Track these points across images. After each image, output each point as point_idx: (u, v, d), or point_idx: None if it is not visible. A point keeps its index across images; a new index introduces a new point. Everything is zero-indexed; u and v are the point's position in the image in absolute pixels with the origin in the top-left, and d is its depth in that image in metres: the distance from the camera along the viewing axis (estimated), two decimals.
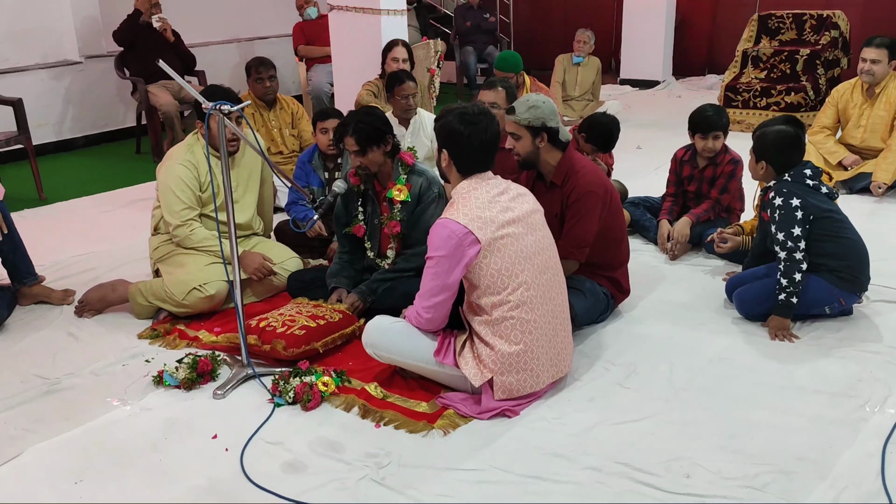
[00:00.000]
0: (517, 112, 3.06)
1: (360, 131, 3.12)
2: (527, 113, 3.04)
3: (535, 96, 3.10)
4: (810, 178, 3.13)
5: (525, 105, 3.06)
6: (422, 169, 3.31)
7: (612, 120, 4.22)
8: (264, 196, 3.78)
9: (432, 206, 3.26)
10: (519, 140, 3.08)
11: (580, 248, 3.08)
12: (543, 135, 3.06)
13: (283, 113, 4.90)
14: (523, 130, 3.06)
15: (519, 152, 3.11)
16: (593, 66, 7.12)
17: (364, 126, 3.12)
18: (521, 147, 3.09)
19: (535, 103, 3.04)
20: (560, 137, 3.09)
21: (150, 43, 6.22)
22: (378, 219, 3.34)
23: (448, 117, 2.60)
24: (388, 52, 5.13)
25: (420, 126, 4.61)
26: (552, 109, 3.07)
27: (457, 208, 2.53)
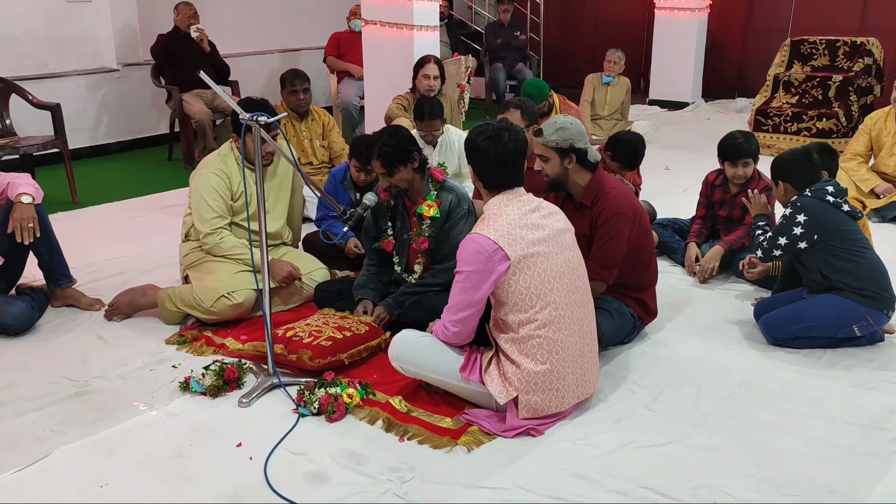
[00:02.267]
0: (545, 134, 3.05)
1: (385, 154, 3.14)
2: (554, 135, 3.04)
3: (563, 118, 3.10)
4: (832, 194, 3.15)
5: (553, 127, 3.05)
6: (452, 185, 3.32)
7: (636, 137, 4.22)
8: (294, 206, 3.79)
9: (461, 222, 3.26)
10: (547, 162, 3.08)
11: (608, 270, 3.07)
12: (572, 156, 3.06)
13: (315, 124, 4.93)
14: (551, 152, 3.06)
15: (548, 174, 3.11)
16: (623, 85, 7.11)
17: (388, 148, 3.13)
18: (549, 168, 3.09)
19: (562, 125, 3.04)
20: (589, 158, 3.09)
21: (186, 52, 6.29)
22: (407, 234, 3.35)
23: (472, 134, 2.63)
24: (420, 68, 5.16)
25: (447, 143, 4.62)
26: (580, 130, 3.07)
27: (488, 224, 2.53)
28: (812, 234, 3.13)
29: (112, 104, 6.84)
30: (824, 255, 3.13)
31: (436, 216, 3.27)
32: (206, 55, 6.39)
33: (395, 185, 3.23)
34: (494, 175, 2.58)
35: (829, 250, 3.11)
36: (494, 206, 2.58)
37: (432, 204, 3.27)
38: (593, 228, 3.10)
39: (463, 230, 3.21)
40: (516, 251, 2.48)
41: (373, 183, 3.91)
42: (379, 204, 3.36)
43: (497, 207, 2.57)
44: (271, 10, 8.21)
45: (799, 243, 3.17)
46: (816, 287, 3.22)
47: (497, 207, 2.57)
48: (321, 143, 4.95)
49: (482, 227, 2.53)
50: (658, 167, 6.15)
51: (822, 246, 3.14)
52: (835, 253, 3.10)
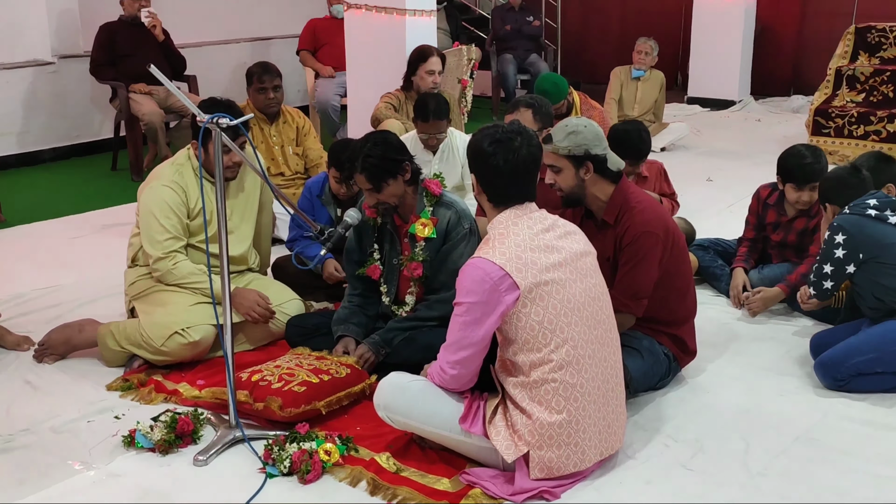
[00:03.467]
0: (555, 140, 3.08)
1: (371, 167, 3.17)
2: (566, 140, 3.06)
3: (576, 120, 3.13)
4: (875, 207, 3.23)
5: (563, 131, 3.08)
6: (451, 200, 3.36)
7: (633, 125, 4.37)
8: (262, 225, 3.82)
9: (462, 244, 3.29)
10: (560, 173, 3.11)
11: (637, 300, 3.08)
12: (588, 165, 3.08)
13: (287, 128, 4.98)
14: (564, 161, 3.09)
15: (561, 187, 3.13)
16: (656, 81, 7.18)
17: (374, 159, 3.17)
18: (562, 181, 3.12)
19: (574, 128, 3.05)
20: (610, 167, 3.11)
21: (135, 42, 6.37)
22: (397, 258, 3.38)
23: (476, 136, 2.65)
24: (422, 63, 5.22)
25: (450, 150, 4.66)
26: (596, 133, 3.09)
27: (492, 246, 2.55)
28: (857, 254, 3.20)
29: (45, 104, 6.85)
30: (875, 276, 3.20)
31: (431, 237, 3.29)
32: (159, 45, 6.46)
33: (384, 202, 3.26)
34: (502, 187, 2.61)
35: (880, 269, 3.18)
36: (501, 224, 2.61)
37: (427, 222, 3.29)
38: (618, 251, 3.12)
39: (464, 253, 3.24)
40: (527, 278, 2.50)
41: (356, 196, 3.94)
42: (363, 222, 3.39)
43: (504, 226, 2.60)
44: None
45: (846, 267, 3.23)
46: (875, 314, 3.25)
47: (504, 226, 2.60)
48: (295, 151, 4.99)
49: (486, 249, 2.56)
50: (698, 178, 6.18)
51: (871, 266, 3.20)
52: (886, 271, 3.17)
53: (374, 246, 3.42)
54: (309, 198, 4.09)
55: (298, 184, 4.93)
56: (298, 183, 4.94)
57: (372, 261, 3.42)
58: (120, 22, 6.44)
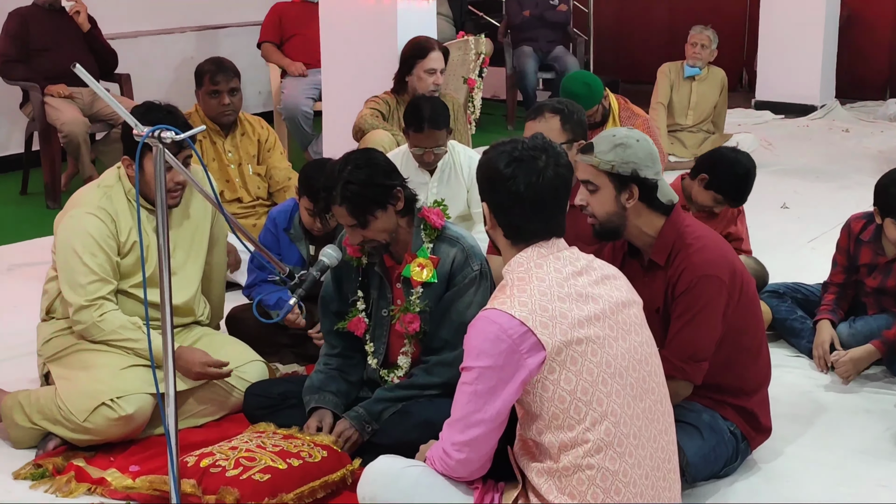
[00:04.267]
0: (596, 150, 3.10)
1: (353, 196, 3.20)
2: (611, 153, 3.07)
3: (625, 131, 3.15)
4: None
5: (609, 142, 3.09)
6: (456, 234, 3.38)
7: (745, 156, 4.27)
8: (214, 266, 3.84)
9: (471, 290, 3.32)
10: (596, 193, 3.12)
11: (694, 363, 3.08)
12: (633, 189, 3.10)
13: (246, 141, 5.01)
14: (603, 178, 3.10)
15: (595, 212, 3.15)
16: (715, 81, 7.21)
17: (356, 187, 3.20)
18: (597, 204, 3.13)
19: (623, 140, 3.09)
20: (659, 196, 3.14)
21: (53, 33, 6.40)
22: (388, 309, 3.40)
23: (489, 154, 2.66)
24: (419, 59, 5.27)
25: (451, 168, 4.70)
26: (650, 153, 3.11)
27: (510, 295, 2.55)
28: None
29: None
30: None
31: (431, 281, 3.32)
32: (84, 37, 6.52)
33: (371, 240, 3.29)
34: (523, 219, 2.61)
35: None
36: (521, 266, 2.61)
37: (426, 263, 3.32)
38: (671, 299, 3.12)
39: (473, 303, 3.27)
40: (555, 336, 2.49)
41: (333, 231, 3.95)
42: (344, 263, 3.39)
43: (525, 269, 2.60)
44: None
45: None
46: None
47: (525, 269, 2.60)
48: (256, 170, 5.02)
49: (503, 298, 2.55)
50: (770, 205, 6.18)
51: None
52: None
53: (358, 293, 3.43)
54: (273, 231, 4.10)
55: (260, 213, 4.95)
56: (260, 212, 4.96)
57: (355, 312, 3.44)
58: (34, 7, 6.47)
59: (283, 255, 4.06)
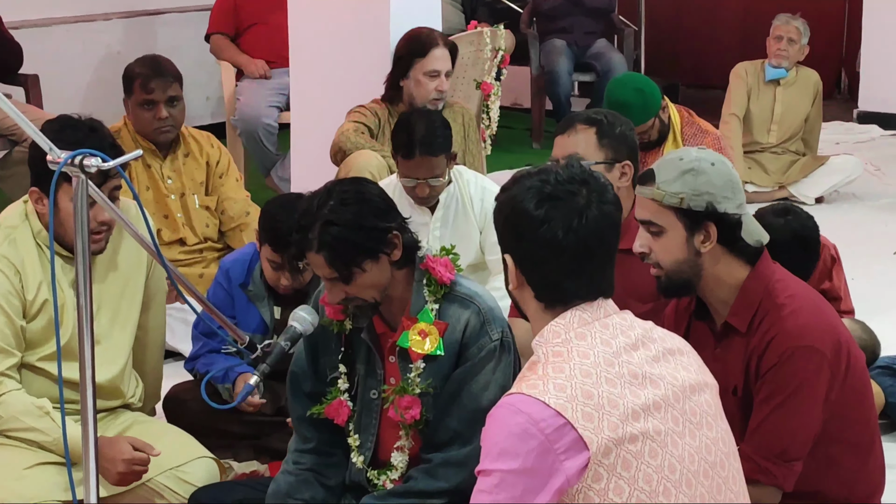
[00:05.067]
0: (659, 180, 3.10)
1: (335, 243, 3.21)
2: (678, 182, 3.07)
3: (696, 152, 3.14)
4: None
5: (675, 167, 3.10)
6: (469, 292, 3.38)
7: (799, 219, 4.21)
8: (149, 332, 3.86)
9: (489, 366, 3.30)
10: (661, 236, 3.11)
11: (784, 463, 3.04)
12: (710, 228, 3.08)
13: (191, 165, 5.03)
14: (669, 216, 3.10)
15: (660, 261, 3.15)
16: (806, 86, 7.24)
17: (340, 230, 3.21)
18: (663, 251, 3.13)
19: (693, 164, 3.10)
20: (744, 237, 3.12)
21: None
22: (378, 390, 3.40)
23: (513, 190, 2.64)
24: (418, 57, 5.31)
25: (458, 203, 4.73)
26: (729, 179, 3.09)
27: (543, 375, 2.49)
28: None
29: None
30: None
31: (436, 354, 3.29)
32: None
33: (355, 299, 3.28)
34: (560, 276, 2.57)
35: None
36: (558, 337, 2.55)
37: (430, 329, 3.30)
38: (753, 378, 3.10)
39: (492, 384, 3.27)
40: (602, 431, 2.42)
41: (307, 288, 3.97)
42: (322, 329, 3.40)
43: (563, 341, 2.54)
44: None
45: None
46: None
47: (563, 341, 2.54)
48: (203, 202, 5.04)
49: (533, 380, 2.49)
50: (878, 250, 6.22)
51: None
52: None
53: (340, 368, 3.42)
54: (226, 287, 4.12)
55: (209, 259, 4.98)
56: (209, 257, 4.99)
57: (335, 393, 3.40)
58: None
59: (238, 320, 4.06)
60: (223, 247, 5.03)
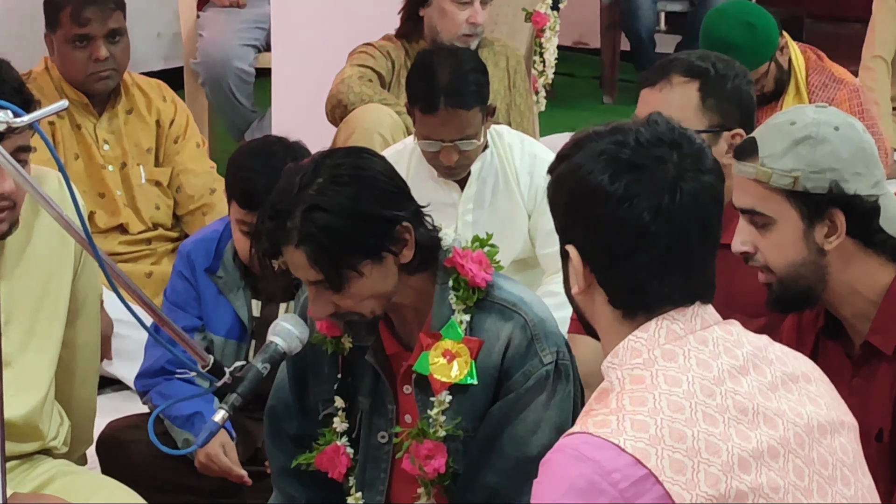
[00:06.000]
0: (763, 153, 3.10)
1: (320, 237, 3.22)
2: (790, 156, 3.07)
3: (812, 113, 3.13)
4: None
5: (785, 136, 3.10)
6: (512, 297, 3.41)
7: None
8: (77, 350, 3.86)
9: (540, 399, 3.33)
10: (769, 231, 3.12)
11: None
12: (836, 217, 3.08)
13: (136, 124, 5.10)
14: (780, 202, 3.10)
15: (769, 263, 3.15)
16: None
17: (329, 219, 3.22)
18: (772, 249, 3.14)
19: (810, 130, 3.09)
20: (883, 226, 3.10)
21: None
22: (387, 431, 3.44)
23: (577, 157, 2.59)
24: None
25: (498, 176, 4.76)
26: (860, 148, 3.08)
27: (617, 409, 2.46)
28: None
29: None
30: None
31: (466, 383, 3.31)
32: None
33: (351, 313, 3.28)
34: (643, 273, 2.54)
35: None
36: (638, 355, 2.51)
37: (457, 349, 3.32)
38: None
39: (544, 423, 3.31)
40: (698, 486, 2.39)
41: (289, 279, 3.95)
42: (312, 348, 3.44)
43: (645, 361, 2.50)
44: None
45: None
46: None
47: (645, 361, 2.50)
48: (152, 176, 5.11)
49: (603, 415, 2.45)
50: None
51: None
52: None
53: (336, 402, 3.45)
54: (189, 277, 4.15)
55: (161, 252, 5.05)
56: (160, 250, 5.07)
57: (329, 436, 3.46)
58: None
59: (207, 320, 4.10)
60: (179, 236, 5.08)
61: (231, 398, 3.08)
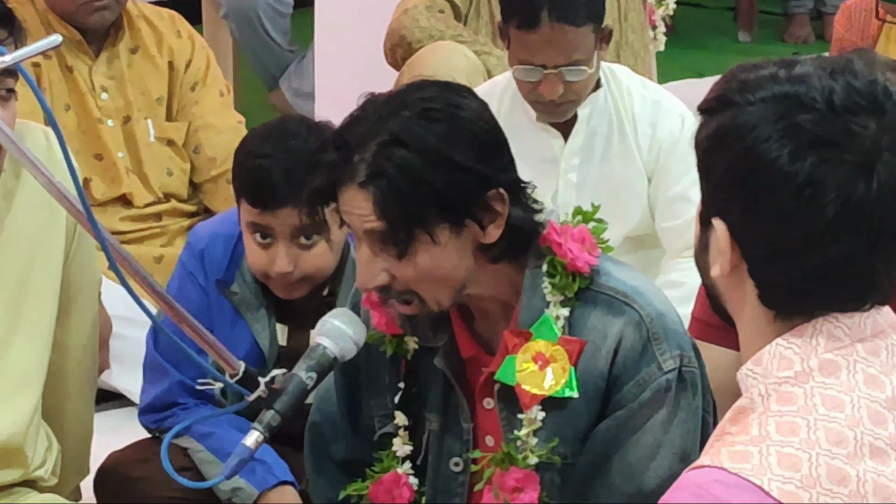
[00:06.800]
0: None
1: (395, 178, 3.24)
2: None
3: None
4: None
5: None
6: (623, 286, 3.44)
7: None
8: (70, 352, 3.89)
9: (658, 417, 3.36)
10: None
11: None
12: None
13: (144, 66, 5.13)
14: None
15: None
16: None
17: (411, 158, 3.24)
18: None
19: None
20: None
21: None
22: (462, 457, 3.49)
23: (747, 111, 2.55)
24: None
25: (612, 122, 4.75)
26: None
27: (759, 437, 2.44)
28: None
29: None
30: None
31: (565, 395, 3.34)
32: None
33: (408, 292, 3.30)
34: (814, 271, 2.52)
35: None
36: (789, 365, 2.48)
37: (552, 353, 3.35)
38: None
39: (663, 449, 3.33)
40: None
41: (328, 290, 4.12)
42: (368, 351, 3.50)
43: (797, 373, 2.47)
44: None
45: None
46: None
47: (797, 373, 2.47)
48: (163, 133, 5.14)
49: (741, 444, 2.45)
50: None
51: None
52: None
53: (397, 419, 3.51)
54: (201, 281, 4.17)
55: (174, 230, 5.09)
56: (173, 228, 5.10)
57: (388, 462, 3.51)
58: None
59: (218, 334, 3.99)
60: (197, 210, 5.13)
61: (267, 416, 3.11)
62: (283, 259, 3.85)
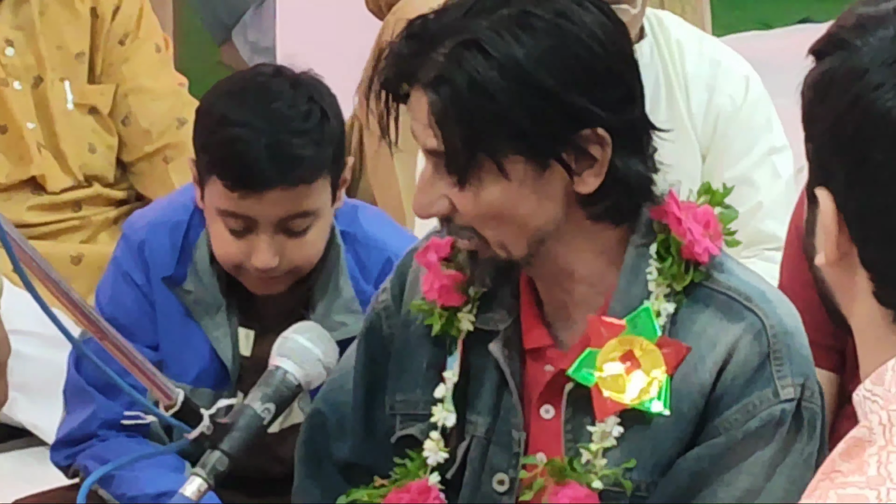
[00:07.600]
0: None
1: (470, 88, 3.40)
2: None
3: None
4: None
5: None
6: (746, 287, 3.56)
7: None
8: None
9: (767, 452, 3.48)
10: None
11: None
12: None
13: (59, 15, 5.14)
14: None
15: None
16: None
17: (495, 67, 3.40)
18: None
19: None
20: None
21: None
22: (508, 471, 3.57)
23: (860, 53, 2.55)
24: None
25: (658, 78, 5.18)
26: None
27: (878, 479, 2.38)
28: None
29: None
30: None
31: (651, 410, 3.46)
32: None
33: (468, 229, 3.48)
34: None
35: None
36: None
37: (646, 353, 3.49)
38: None
39: (763, 492, 3.46)
40: None
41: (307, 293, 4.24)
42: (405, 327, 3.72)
43: None
44: None
45: None
46: None
47: None
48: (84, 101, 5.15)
49: (854, 484, 2.38)
50: None
51: None
52: None
53: (434, 416, 3.61)
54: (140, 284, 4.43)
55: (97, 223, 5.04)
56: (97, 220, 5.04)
57: (414, 467, 3.63)
58: None
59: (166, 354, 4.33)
60: (126, 198, 5.05)
61: (213, 458, 3.20)
62: (265, 252, 3.91)
